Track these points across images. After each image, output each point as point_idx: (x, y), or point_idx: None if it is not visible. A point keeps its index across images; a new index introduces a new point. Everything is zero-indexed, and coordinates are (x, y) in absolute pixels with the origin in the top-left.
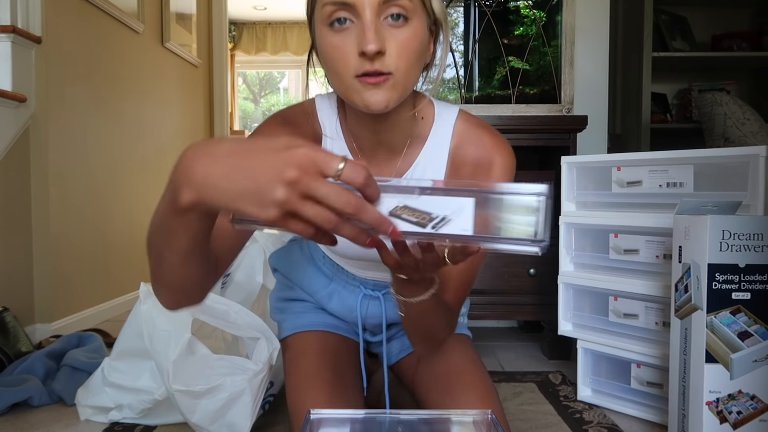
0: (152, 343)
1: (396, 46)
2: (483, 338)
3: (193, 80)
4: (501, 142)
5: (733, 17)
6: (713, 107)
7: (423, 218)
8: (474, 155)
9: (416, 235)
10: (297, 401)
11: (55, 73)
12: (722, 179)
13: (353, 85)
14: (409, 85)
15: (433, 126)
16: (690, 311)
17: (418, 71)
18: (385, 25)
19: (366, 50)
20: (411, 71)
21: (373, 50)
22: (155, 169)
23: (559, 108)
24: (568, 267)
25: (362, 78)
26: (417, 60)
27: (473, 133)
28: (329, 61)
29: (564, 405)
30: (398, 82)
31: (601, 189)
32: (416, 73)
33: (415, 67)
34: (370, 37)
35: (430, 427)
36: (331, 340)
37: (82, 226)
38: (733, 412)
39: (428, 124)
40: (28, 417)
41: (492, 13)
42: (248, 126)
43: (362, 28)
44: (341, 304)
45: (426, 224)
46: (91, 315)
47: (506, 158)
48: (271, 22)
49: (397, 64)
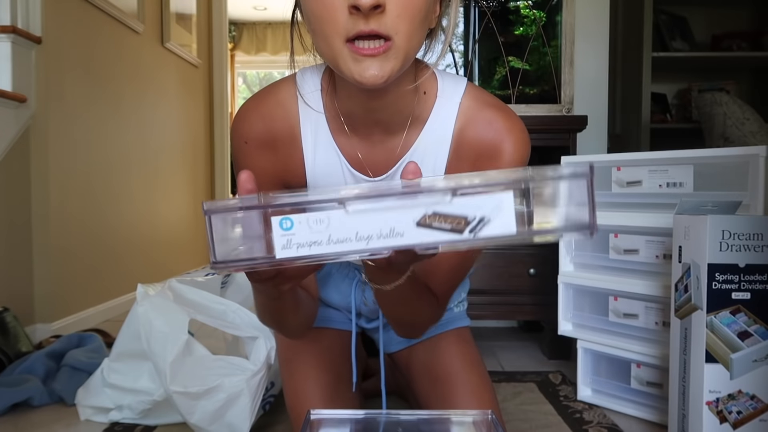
0: (150, 344)
1: (397, 3)
2: (483, 338)
3: (193, 80)
4: (514, 124)
5: (733, 17)
6: (713, 107)
7: (458, 223)
8: (481, 138)
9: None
10: (296, 406)
11: (55, 73)
12: (722, 179)
13: (343, 53)
14: (412, 53)
15: (435, 103)
16: (690, 311)
17: (422, 36)
18: None
19: (359, 3)
20: (414, 35)
21: (368, 3)
22: (155, 169)
23: (559, 108)
24: (568, 267)
25: (355, 46)
26: (422, 22)
27: (483, 113)
28: (315, 20)
29: (564, 405)
30: (399, 49)
31: (600, 189)
32: (420, 39)
33: (419, 31)
34: None
35: (430, 427)
36: (326, 338)
37: (82, 226)
38: (733, 411)
39: (431, 101)
40: (28, 417)
41: (492, 13)
42: None
43: None
44: (336, 289)
45: (463, 230)
46: (91, 315)
47: (518, 145)
48: (271, 22)
49: (398, 26)
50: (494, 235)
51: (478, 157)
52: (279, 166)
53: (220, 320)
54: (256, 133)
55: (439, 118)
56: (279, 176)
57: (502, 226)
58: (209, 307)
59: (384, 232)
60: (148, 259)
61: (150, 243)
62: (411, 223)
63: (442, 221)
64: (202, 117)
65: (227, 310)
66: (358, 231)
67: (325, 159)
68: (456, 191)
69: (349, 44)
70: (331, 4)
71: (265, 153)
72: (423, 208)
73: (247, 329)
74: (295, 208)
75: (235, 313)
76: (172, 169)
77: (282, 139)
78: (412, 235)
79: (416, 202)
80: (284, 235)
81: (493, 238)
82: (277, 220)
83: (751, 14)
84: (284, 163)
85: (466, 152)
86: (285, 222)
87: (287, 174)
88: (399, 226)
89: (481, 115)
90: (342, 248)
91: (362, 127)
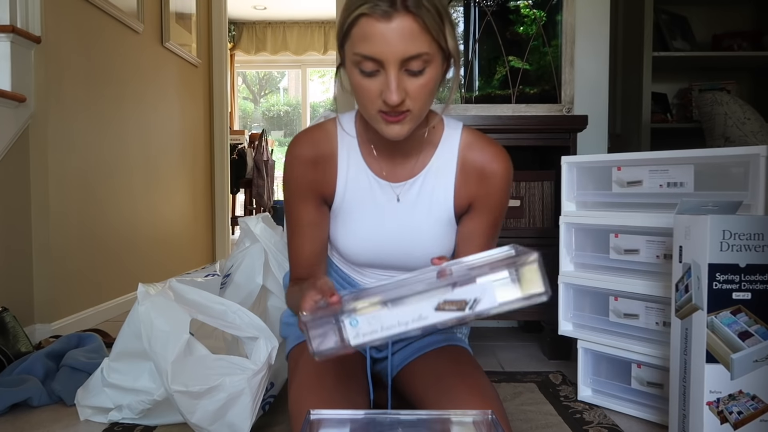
0: (150, 344)
1: (413, 91)
2: (483, 338)
3: (193, 80)
4: (501, 151)
5: (734, 17)
6: (713, 107)
7: (461, 305)
8: (479, 161)
9: (460, 318)
10: (298, 402)
11: (54, 73)
12: (722, 179)
13: (376, 117)
14: (423, 115)
15: (443, 135)
16: (690, 311)
17: (431, 102)
18: (405, 75)
19: (388, 102)
20: (425, 106)
21: (395, 102)
22: (155, 169)
23: (559, 108)
24: (568, 267)
25: (384, 115)
26: (430, 95)
27: (477, 141)
28: (357, 95)
29: (564, 405)
30: (414, 117)
31: (601, 189)
32: (429, 104)
33: (429, 102)
34: (393, 90)
35: (430, 427)
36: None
37: (81, 226)
38: (734, 412)
39: (439, 133)
40: (28, 417)
41: (492, 13)
42: (248, 126)
43: (386, 80)
44: None
45: (464, 308)
46: (91, 315)
47: (506, 168)
48: (270, 21)
49: (414, 104)
50: (484, 309)
51: (479, 178)
52: (318, 177)
53: (220, 320)
54: (305, 153)
55: (447, 144)
56: (316, 185)
57: (489, 302)
58: (210, 307)
59: (415, 317)
60: (148, 260)
61: (149, 243)
62: (431, 309)
63: (451, 305)
64: (202, 116)
65: (227, 310)
66: (398, 320)
67: (356, 173)
68: (455, 285)
69: (380, 113)
70: (370, 90)
71: (309, 168)
72: (437, 298)
73: (247, 329)
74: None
75: (235, 313)
76: (171, 168)
77: (323, 158)
78: (433, 316)
79: (432, 294)
80: (353, 330)
81: (484, 311)
82: (348, 320)
83: (752, 14)
84: (322, 176)
85: (470, 171)
86: (353, 321)
87: (323, 184)
88: (424, 312)
89: (477, 143)
90: (390, 332)
91: (386, 152)
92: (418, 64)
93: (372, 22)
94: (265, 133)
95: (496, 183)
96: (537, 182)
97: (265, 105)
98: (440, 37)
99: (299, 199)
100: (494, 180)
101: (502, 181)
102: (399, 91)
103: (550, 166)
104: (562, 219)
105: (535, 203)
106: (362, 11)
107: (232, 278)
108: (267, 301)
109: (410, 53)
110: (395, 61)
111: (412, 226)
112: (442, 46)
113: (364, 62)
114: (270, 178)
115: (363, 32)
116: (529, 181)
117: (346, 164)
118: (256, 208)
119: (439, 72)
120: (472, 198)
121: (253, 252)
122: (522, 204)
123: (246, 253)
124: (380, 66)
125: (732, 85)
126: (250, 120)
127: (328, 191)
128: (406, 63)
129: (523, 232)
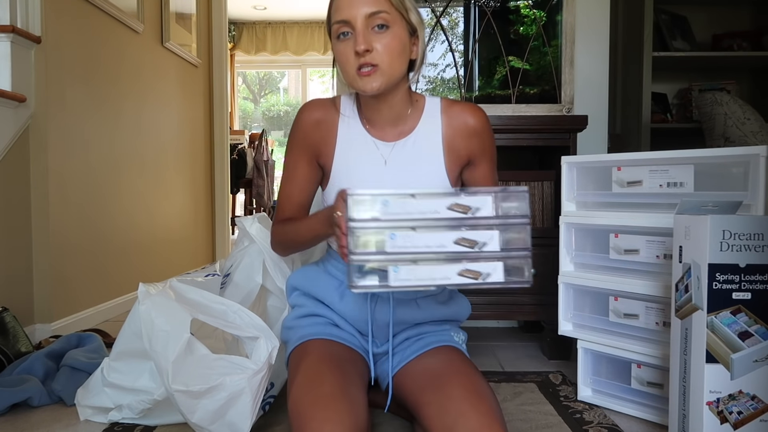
0: (151, 343)
1: (380, 46)
2: (483, 338)
3: (193, 80)
4: (476, 106)
5: (734, 17)
6: (713, 107)
7: (473, 244)
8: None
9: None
10: (298, 403)
11: (54, 73)
12: (722, 179)
13: (354, 76)
14: (395, 73)
15: (426, 104)
16: (690, 311)
17: (402, 63)
18: (372, 33)
19: (357, 50)
20: (394, 63)
21: (362, 49)
22: (155, 169)
23: (559, 108)
24: (568, 267)
25: (359, 71)
26: (399, 55)
27: (455, 103)
28: (339, 62)
29: (564, 405)
30: (384, 71)
31: (601, 189)
32: (400, 65)
33: (398, 60)
34: (359, 41)
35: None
36: (336, 346)
37: (81, 226)
38: (734, 412)
39: (422, 104)
40: (28, 417)
41: (492, 13)
42: (248, 126)
43: (356, 36)
44: (353, 302)
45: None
46: (91, 315)
47: (486, 118)
48: (270, 21)
49: (382, 58)
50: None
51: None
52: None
53: (221, 320)
54: (312, 115)
55: (430, 110)
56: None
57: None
58: (210, 307)
59: (442, 276)
60: (148, 260)
61: (149, 243)
62: (452, 240)
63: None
64: (202, 116)
65: (228, 310)
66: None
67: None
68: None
69: (357, 71)
70: (346, 53)
71: (312, 128)
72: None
73: (248, 329)
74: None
75: (236, 313)
76: (171, 168)
77: (326, 122)
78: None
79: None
80: (394, 275)
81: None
82: (392, 266)
83: (752, 14)
84: (322, 136)
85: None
86: (396, 269)
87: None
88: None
89: (455, 104)
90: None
91: (378, 122)
92: (380, 20)
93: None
94: (265, 133)
95: (484, 133)
96: (537, 182)
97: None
98: (400, 6)
99: (297, 154)
100: (482, 132)
101: (488, 129)
102: (365, 39)
103: (550, 166)
104: (562, 219)
105: (535, 203)
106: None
107: (231, 278)
108: (266, 300)
109: (371, 10)
110: (361, 18)
111: (405, 180)
112: (403, 15)
113: (339, 27)
114: (270, 178)
115: (337, 4)
116: (529, 181)
117: (346, 128)
118: (256, 208)
119: (403, 37)
120: (467, 154)
121: (252, 251)
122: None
123: (245, 253)
124: (350, 27)
125: (732, 85)
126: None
127: (326, 150)
128: (370, 19)
129: None
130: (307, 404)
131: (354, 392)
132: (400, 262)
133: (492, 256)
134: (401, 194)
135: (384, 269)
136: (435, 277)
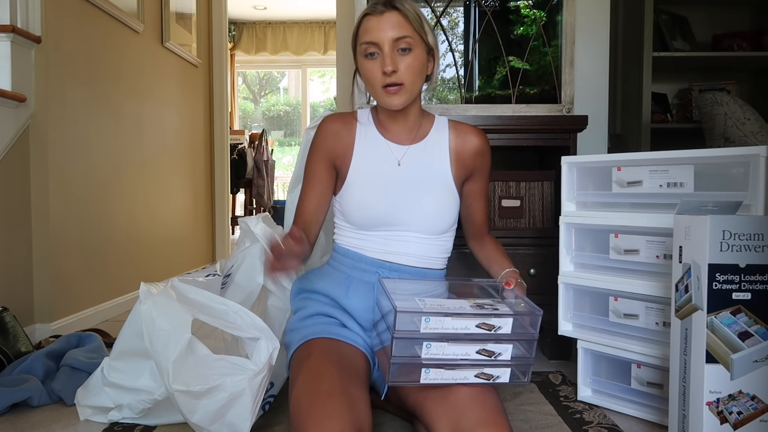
0: (152, 343)
1: (404, 67)
2: None
3: (193, 80)
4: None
5: (734, 17)
6: (713, 107)
7: (490, 328)
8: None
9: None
10: (298, 404)
11: (54, 72)
12: (722, 179)
13: (380, 92)
14: (416, 90)
15: (435, 119)
16: (690, 311)
17: (421, 80)
18: (397, 54)
19: (386, 71)
20: (415, 81)
21: (389, 70)
22: (155, 169)
23: (559, 108)
24: (568, 267)
25: (386, 89)
26: (419, 74)
27: (461, 124)
28: (366, 78)
29: (564, 405)
30: (407, 89)
31: (601, 189)
32: (420, 82)
33: (418, 78)
34: (387, 62)
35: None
36: (339, 345)
37: (81, 226)
38: (734, 412)
39: (432, 118)
40: (27, 417)
41: (492, 13)
42: (248, 126)
43: (383, 57)
44: (359, 294)
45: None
46: (91, 315)
47: (487, 139)
48: (271, 21)
49: (406, 77)
50: (500, 382)
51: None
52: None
53: (222, 321)
54: (332, 125)
55: (439, 125)
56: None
57: (503, 379)
58: (211, 307)
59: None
60: (148, 260)
61: (149, 243)
62: (474, 324)
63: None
64: (202, 116)
65: (229, 310)
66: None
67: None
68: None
69: (383, 88)
70: (374, 71)
71: (331, 136)
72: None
73: (248, 330)
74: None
75: (236, 314)
76: (171, 168)
77: (344, 130)
78: (472, 380)
79: (475, 370)
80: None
81: (499, 384)
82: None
83: (752, 14)
84: (341, 143)
85: (462, 148)
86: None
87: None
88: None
89: (461, 125)
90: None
91: (393, 131)
92: (404, 44)
93: (371, 18)
94: (265, 133)
95: (487, 153)
96: (537, 182)
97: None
98: (421, 31)
99: (318, 159)
100: (485, 152)
101: (488, 150)
102: (392, 61)
103: (550, 166)
104: (562, 219)
105: (535, 203)
106: (365, 12)
107: (232, 278)
108: (267, 301)
109: (398, 35)
110: (388, 41)
111: (415, 182)
112: (423, 38)
113: (368, 47)
114: (270, 178)
115: (366, 27)
116: (529, 181)
117: (363, 134)
118: (256, 208)
119: (423, 58)
120: (472, 168)
121: (253, 252)
122: (522, 204)
123: (246, 253)
124: (378, 48)
125: (732, 85)
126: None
127: (345, 153)
128: (396, 43)
129: (523, 232)
130: (308, 402)
131: (355, 390)
132: (432, 367)
133: (503, 364)
134: (440, 313)
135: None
136: (457, 378)
